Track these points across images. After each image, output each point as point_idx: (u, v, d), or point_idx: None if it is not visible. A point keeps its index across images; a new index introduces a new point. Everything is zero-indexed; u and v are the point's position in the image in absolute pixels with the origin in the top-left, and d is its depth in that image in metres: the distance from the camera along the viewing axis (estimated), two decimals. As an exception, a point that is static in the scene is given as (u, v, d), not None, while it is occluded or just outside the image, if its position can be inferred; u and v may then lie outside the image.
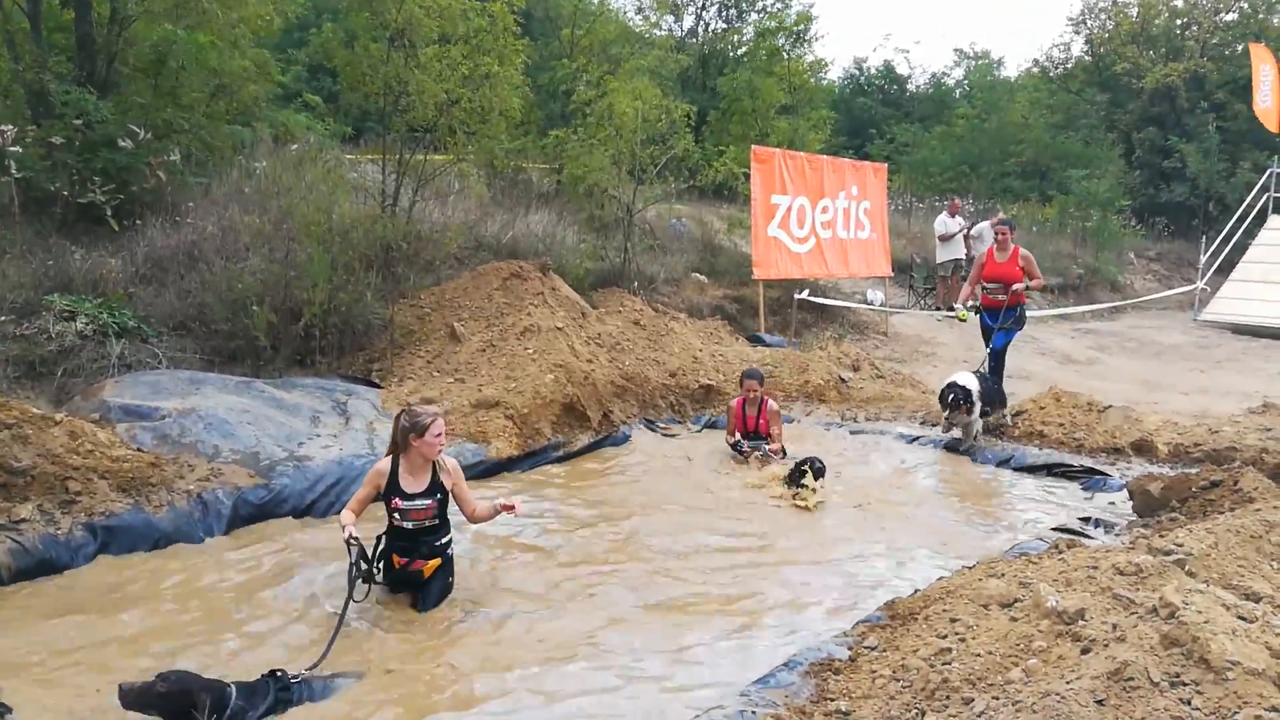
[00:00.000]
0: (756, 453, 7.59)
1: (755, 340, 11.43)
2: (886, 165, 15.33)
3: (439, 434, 4.72)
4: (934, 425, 8.62)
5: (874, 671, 3.95)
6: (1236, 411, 9.21)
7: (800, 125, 16.54)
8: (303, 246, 7.88)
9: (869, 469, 7.78)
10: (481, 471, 7.18)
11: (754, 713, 3.65)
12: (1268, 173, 21.03)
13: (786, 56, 18.22)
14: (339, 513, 6.29)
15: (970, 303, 9.24)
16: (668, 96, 11.98)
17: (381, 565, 4.76)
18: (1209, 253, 19.12)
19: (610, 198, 11.46)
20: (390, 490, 4.73)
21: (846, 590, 5.27)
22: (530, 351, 8.39)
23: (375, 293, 8.64)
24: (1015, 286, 8.84)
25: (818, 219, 13.04)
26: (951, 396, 7.85)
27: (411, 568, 4.70)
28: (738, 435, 7.75)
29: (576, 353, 8.65)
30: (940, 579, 5.03)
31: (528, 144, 14.00)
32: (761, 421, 7.72)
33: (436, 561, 4.75)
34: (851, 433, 8.83)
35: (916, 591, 4.83)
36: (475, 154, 10.36)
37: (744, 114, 16.75)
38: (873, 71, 34.42)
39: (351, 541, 4.44)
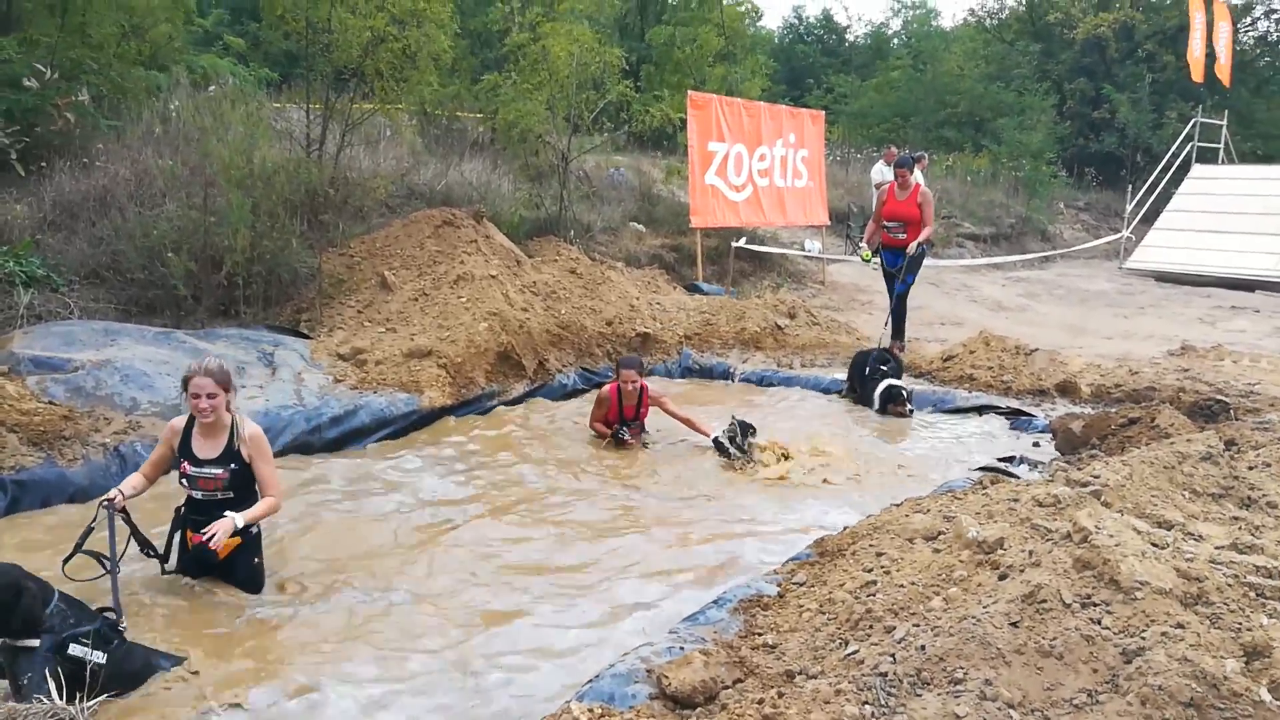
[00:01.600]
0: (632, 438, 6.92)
1: (693, 289, 11.40)
2: (824, 113, 15.27)
3: (198, 394, 4.08)
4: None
5: (801, 606, 4.00)
6: (1157, 354, 9.50)
7: (737, 72, 16.38)
8: (222, 192, 7.57)
9: (801, 420, 7.85)
10: (416, 421, 7.09)
11: (682, 648, 3.67)
12: (1192, 122, 21.54)
13: (722, 2, 17.97)
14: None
15: (874, 244, 9.44)
16: (604, 43, 11.72)
17: (175, 541, 4.29)
18: (1134, 202, 19.59)
19: (545, 145, 11.24)
20: (181, 452, 4.22)
21: (781, 535, 5.32)
22: (464, 300, 8.25)
23: (302, 241, 8.38)
24: (909, 249, 9.00)
25: (755, 167, 12.99)
26: (897, 397, 7.80)
27: (208, 547, 4.01)
28: (615, 426, 6.88)
29: (511, 301, 8.53)
30: (868, 516, 5.11)
31: (460, 89, 13.65)
32: (642, 410, 6.95)
33: (235, 541, 4.15)
34: (782, 382, 8.91)
35: (845, 529, 4.90)
36: (404, 99, 10.04)
37: (680, 61, 16.53)
38: (811, 20, 34.34)
39: (105, 504, 3.89)
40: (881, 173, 15.36)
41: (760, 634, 3.83)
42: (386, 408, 7.06)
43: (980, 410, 7.81)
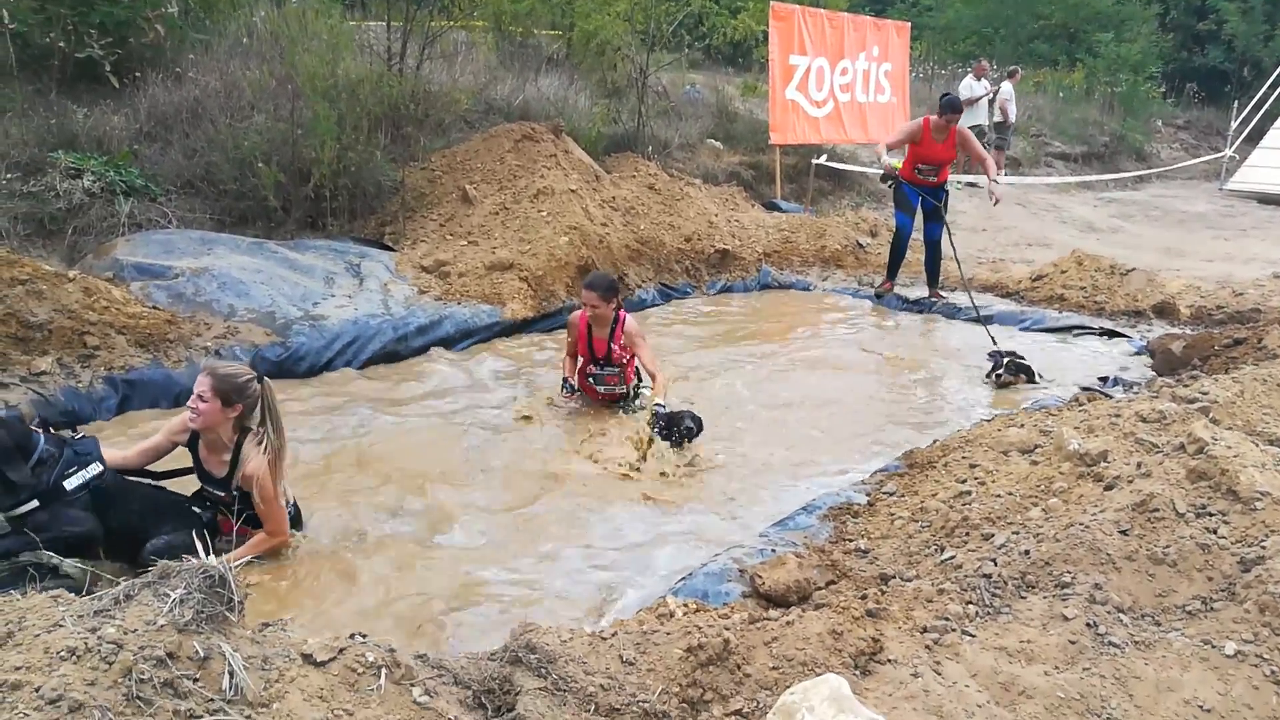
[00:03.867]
0: (608, 390, 5.53)
1: (771, 207, 11.20)
2: (909, 25, 14.63)
3: (195, 390, 3.61)
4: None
5: (892, 514, 4.00)
6: (1261, 277, 9.05)
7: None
8: (308, 103, 7.63)
9: (888, 336, 7.74)
10: (498, 332, 7.19)
11: (773, 550, 3.70)
12: (1309, 34, 20.12)
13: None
14: (355, 369, 6.39)
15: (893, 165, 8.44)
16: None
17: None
18: (1239, 120, 18.47)
19: (623, 58, 11.02)
20: (191, 447, 3.80)
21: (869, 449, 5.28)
22: (544, 214, 8.25)
23: (385, 154, 8.42)
24: (992, 187, 8.42)
25: (836, 81, 12.58)
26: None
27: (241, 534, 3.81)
28: (580, 361, 5.58)
29: (591, 216, 8.51)
30: (958, 431, 5.05)
31: (534, 2, 13.39)
32: (615, 347, 5.38)
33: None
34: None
35: (935, 442, 4.85)
36: (482, 13, 9.91)
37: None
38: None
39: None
40: (971, 88, 14.72)
41: (851, 540, 3.84)
42: (470, 318, 7.16)
43: (1071, 330, 7.58)
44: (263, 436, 3.66)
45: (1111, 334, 7.38)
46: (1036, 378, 6.28)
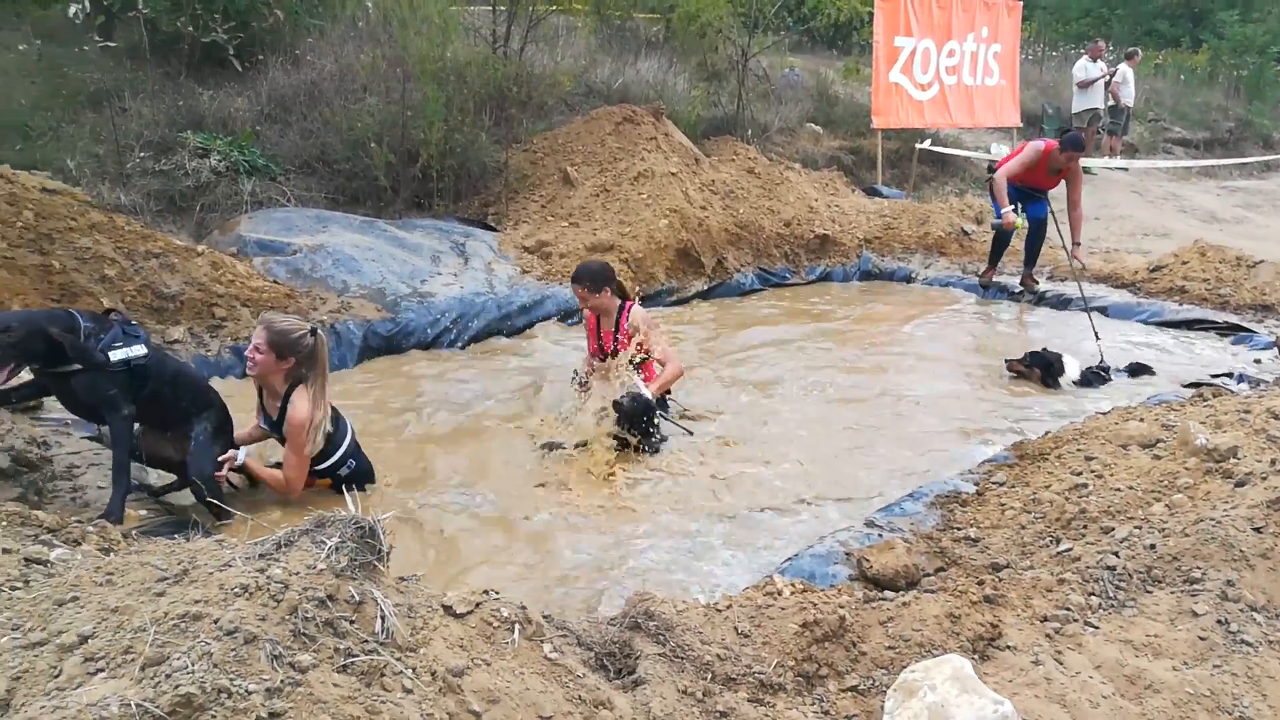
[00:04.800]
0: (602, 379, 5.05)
1: (872, 192, 11.00)
2: (1020, 4, 14.12)
3: (250, 346, 3.85)
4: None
5: (1003, 504, 3.91)
6: (1404, 272, 8.47)
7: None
8: (418, 86, 7.84)
9: (988, 327, 7.55)
10: (598, 312, 7.27)
11: (881, 535, 3.68)
12: None
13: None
14: (460, 346, 6.57)
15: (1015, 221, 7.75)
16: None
17: None
18: (1380, 105, 17.30)
19: (725, 40, 10.95)
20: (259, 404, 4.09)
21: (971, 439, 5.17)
22: (644, 196, 8.29)
23: (489, 136, 8.59)
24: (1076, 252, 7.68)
25: (943, 64, 12.25)
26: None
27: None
28: (593, 363, 5.33)
29: (690, 199, 8.51)
30: (1071, 423, 4.90)
31: (636, -15, 13.42)
32: (620, 340, 5.12)
33: (326, 481, 4.07)
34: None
35: (1046, 433, 4.72)
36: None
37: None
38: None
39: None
40: (1086, 69, 14.14)
41: (960, 528, 3.78)
42: (571, 299, 7.21)
43: (1192, 325, 7.25)
44: (313, 389, 3.86)
45: (1237, 329, 7.03)
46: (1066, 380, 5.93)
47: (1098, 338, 6.45)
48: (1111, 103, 14.76)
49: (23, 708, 1.42)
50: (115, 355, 3.55)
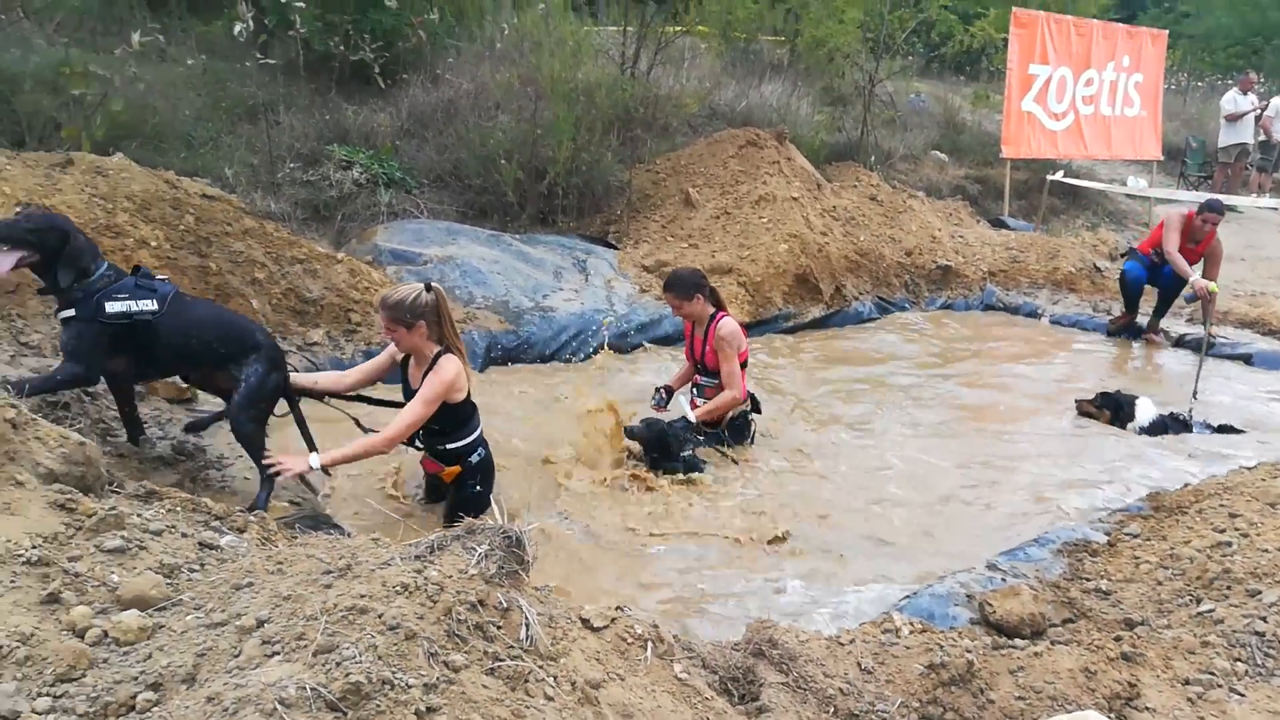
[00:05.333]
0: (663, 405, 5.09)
1: (998, 224, 10.71)
2: (1166, 34, 13.54)
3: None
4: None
5: (1137, 558, 3.76)
6: None
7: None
8: (549, 105, 8.07)
9: (1117, 369, 7.24)
10: (715, 335, 7.30)
11: (1004, 579, 3.58)
12: None
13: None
14: (579, 360, 6.70)
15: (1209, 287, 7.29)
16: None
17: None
18: None
19: (852, 64, 10.89)
20: (402, 377, 4.12)
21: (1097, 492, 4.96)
22: (764, 220, 8.30)
23: (614, 155, 8.76)
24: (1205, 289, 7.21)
25: (1079, 93, 11.84)
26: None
27: (428, 468, 4.16)
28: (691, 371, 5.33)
29: (811, 224, 8.47)
30: (1213, 477, 4.65)
31: (762, 8, 13.47)
32: (709, 351, 5.05)
33: (455, 469, 4.04)
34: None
35: (1186, 485, 4.50)
36: (714, 19, 10.09)
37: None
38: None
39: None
40: (1235, 102, 13.45)
41: (1089, 579, 3.65)
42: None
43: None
44: (449, 342, 3.85)
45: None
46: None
47: (1196, 390, 6.11)
48: (1262, 138, 13.98)
49: (207, 682, 1.55)
50: (112, 307, 3.43)
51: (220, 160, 7.34)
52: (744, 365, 5.07)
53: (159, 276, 3.78)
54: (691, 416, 4.84)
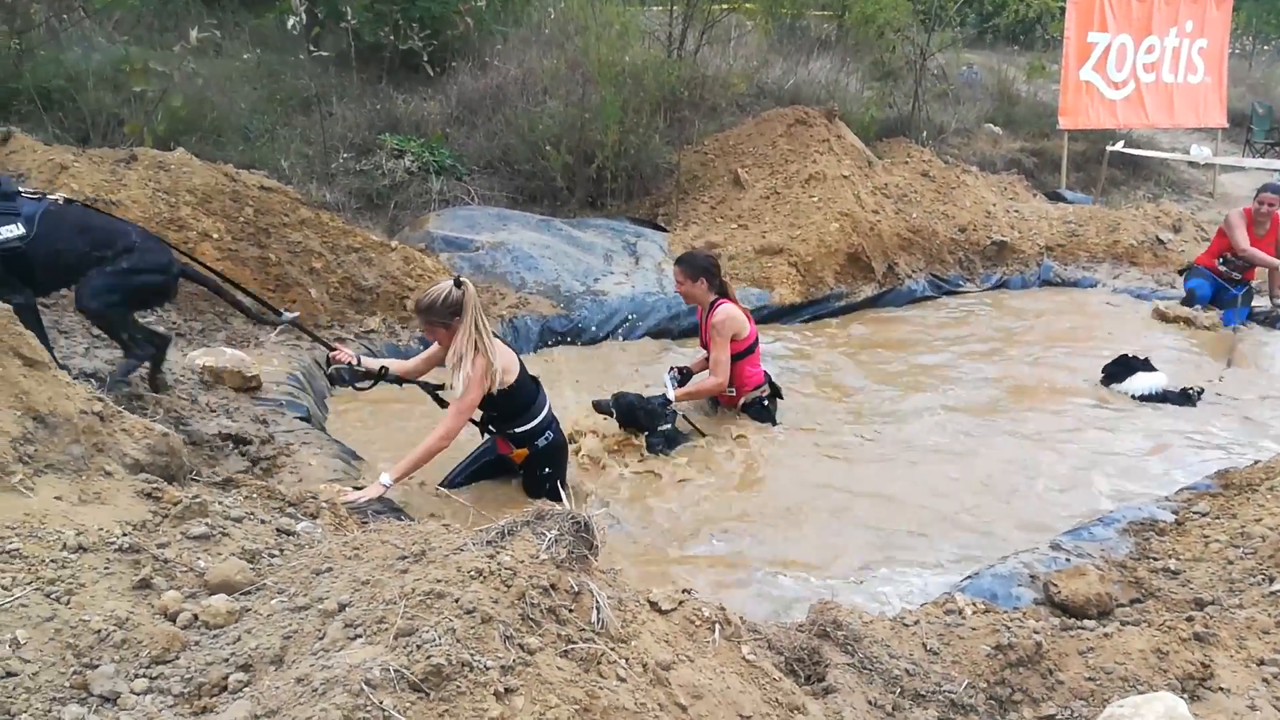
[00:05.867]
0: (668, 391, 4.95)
1: (1055, 197, 10.47)
2: (1231, -3, 13.07)
3: None
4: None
5: (1206, 536, 3.68)
6: None
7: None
8: (596, 89, 8.07)
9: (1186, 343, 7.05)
10: (766, 316, 7.27)
11: (1068, 559, 3.53)
12: None
13: None
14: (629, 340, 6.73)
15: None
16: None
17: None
18: None
19: (904, 38, 10.69)
20: None
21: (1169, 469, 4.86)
22: (815, 199, 8.22)
23: (662, 137, 8.73)
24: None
25: (1140, 60, 11.49)
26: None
27: (500, 449, 4.18)
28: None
29: (862, 202, 8.37)
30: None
31: (810, -16, 13.28)
32: (706, 335, 5.08)
33: (523, 452, 4.09)
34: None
35: (1256, 463, 4.39)
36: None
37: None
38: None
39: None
40: (1304, 66, 12.93)
41: (1157, 559, 3.58)
42: (740, 301, 7.29)
43: None
44: (478, 336, 3.79)
45: None
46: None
47: (1230, 361, 5.93)
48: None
49: (294, 664, 1.60)
50: None
51: (276, 152, 7.49)
52: (749, 350, 5.05)
53: (31, 193, 3.56)
54: (671, 395, 4.88)
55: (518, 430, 4.04)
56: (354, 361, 4.18)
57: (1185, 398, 5.63)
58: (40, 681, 1.56)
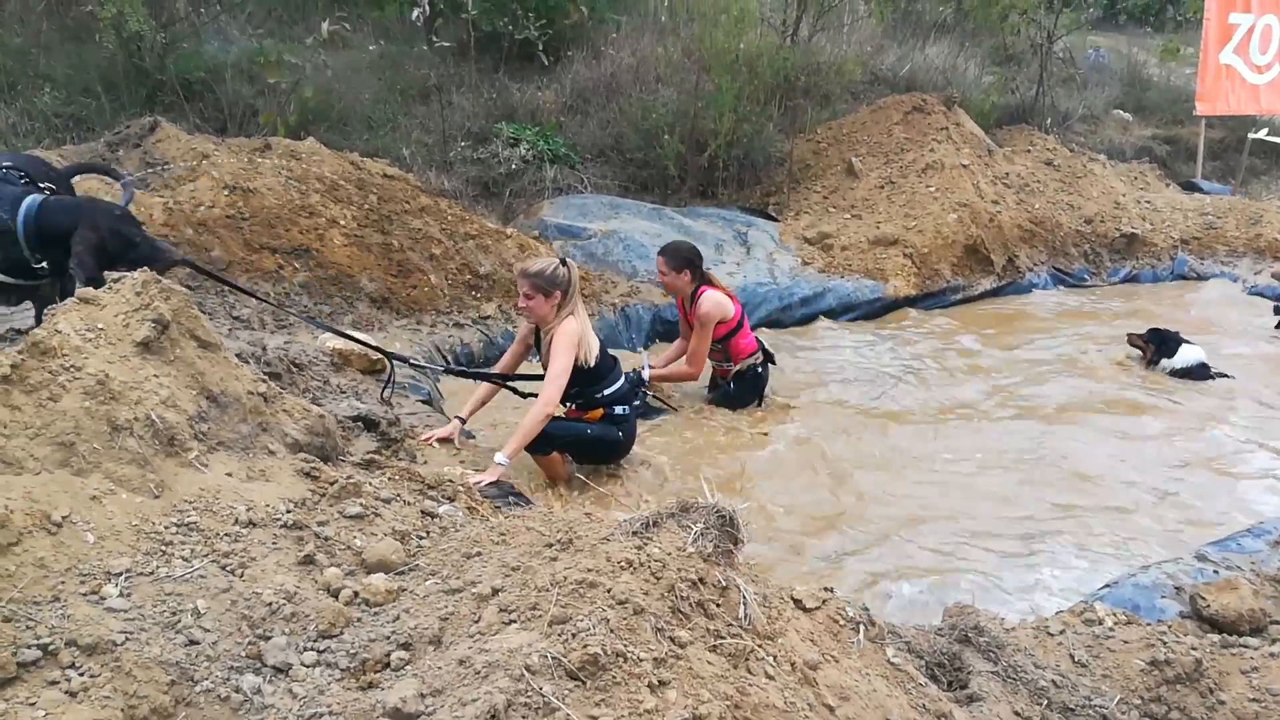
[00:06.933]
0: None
1: (1190, 187, 9.92)
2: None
3: (519, 298, 4.11)
4: None
5: (1370, 554, 3.44)
6: None
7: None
8: (711, 77, 8.01)
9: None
10: (880, 309, 7.13)
11: (1215, 571, 3.35)
12: None
13: None
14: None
15: None
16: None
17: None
18: None
19: (1029, 21, 10.25)
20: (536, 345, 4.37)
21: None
22: (932, 189, 7.99)
23: (775, 125, 8.62)
24: None
25: (1287, 42, 10.75)
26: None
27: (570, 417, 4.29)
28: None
29: (981, 192, 8.10)
30: None
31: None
32: (690, 324, 5.24)
33: (598, 411, 4.22)
34: None
35: None
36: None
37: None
38: None
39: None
40: None
41: (1314, 575, 3.36)
42: (852, 293, 7.17)
43: None
44: (573, 310, 4.05)
45: None
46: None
47: None
48: None
49: (453, 645, 1.65)
50: None
51: (398, 141, 7.69)
52: (738, 326, 5.17)
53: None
54: (645, 375, 4.97)
55: (596, 394, 4.18)
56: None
57: (1209, 374, 5.74)
58: (219, 650, 1.64)
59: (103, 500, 1.79)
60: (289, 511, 2.00)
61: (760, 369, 5.26)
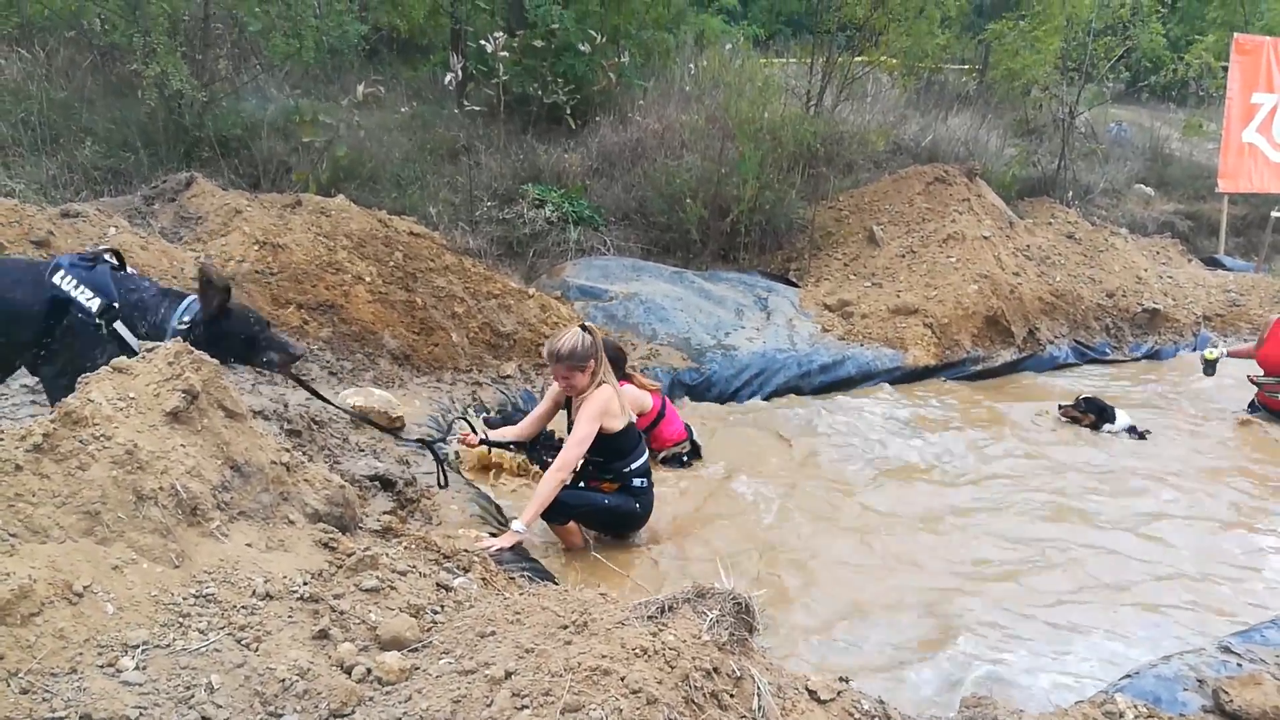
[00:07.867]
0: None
1: (1213, 264, 9.93)
2: None
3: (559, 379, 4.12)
4: None
5: (1400, 652, 3.35)
6: None
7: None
8: (735, 144, 8.14)
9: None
10: (899, 377, 7.12)
11: (1239, 664, 3.28)
12: None
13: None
14: (757, 399, 6.69)
15: (1217, 351, 6.77)
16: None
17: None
18: None
19: (1051, 96, 10.39)
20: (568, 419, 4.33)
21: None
22: (953, 260, 8.03)
23: (798, 193, 8.73)
24: None
25: (1309, 123, 10.82)
26: None
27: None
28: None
29: (1002, 264, 8.13)
30: None
31: (949, 39, 13.08)
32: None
33: (614, 485, 4.20)
34: None
35: None
36: (904, 53, 9.91)
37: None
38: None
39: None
40: None
41: (1343, 673, 3.27)
42: (871, 361, 7.18)
43: None
44: (605, 377, 4.10)
45: None
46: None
47: None
48: None
49: (464, 729, 1.64)
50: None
51: (426, 199, 7.84)
52: (660, 415, 5.22)
53: None
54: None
55: (617, 466, 4.17)
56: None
57: (1140, 435, 6.19)
58: (231, 727, 1.64)
59: (124, 570, 1.81)
60: (306, 584, 2.01)
61: (686, 458, 5.30)
